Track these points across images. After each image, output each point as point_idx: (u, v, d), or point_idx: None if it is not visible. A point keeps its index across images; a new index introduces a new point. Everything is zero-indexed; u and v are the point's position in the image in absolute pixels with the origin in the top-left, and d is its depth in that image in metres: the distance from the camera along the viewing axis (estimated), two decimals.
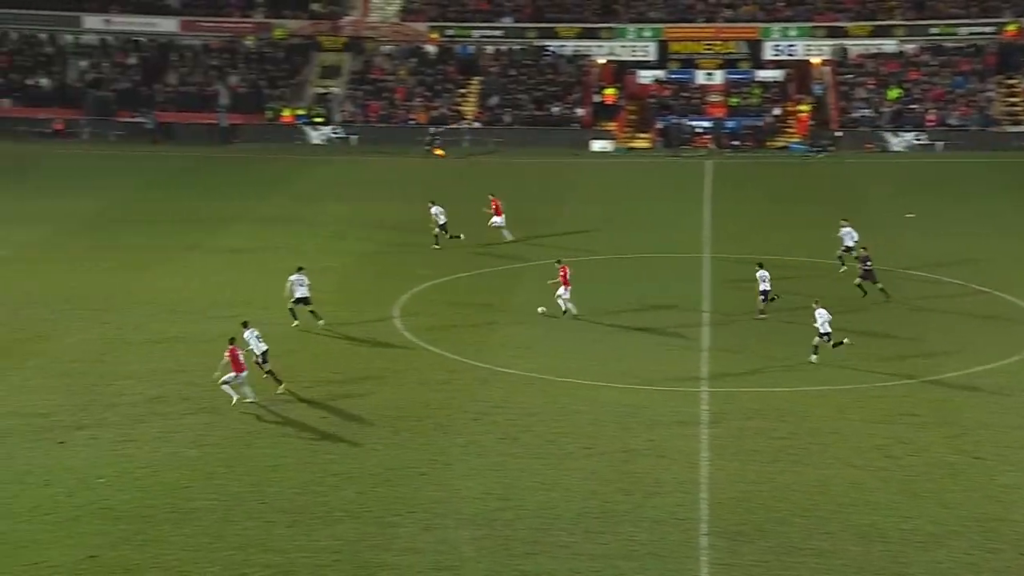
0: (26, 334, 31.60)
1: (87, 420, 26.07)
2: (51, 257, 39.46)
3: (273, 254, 40.29)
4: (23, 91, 65.41)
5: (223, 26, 69.86)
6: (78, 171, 54.98)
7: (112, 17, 69.64)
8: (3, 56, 67.12)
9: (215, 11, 70.67)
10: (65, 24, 69.25)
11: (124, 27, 69.49)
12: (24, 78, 65.91)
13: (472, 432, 25.96)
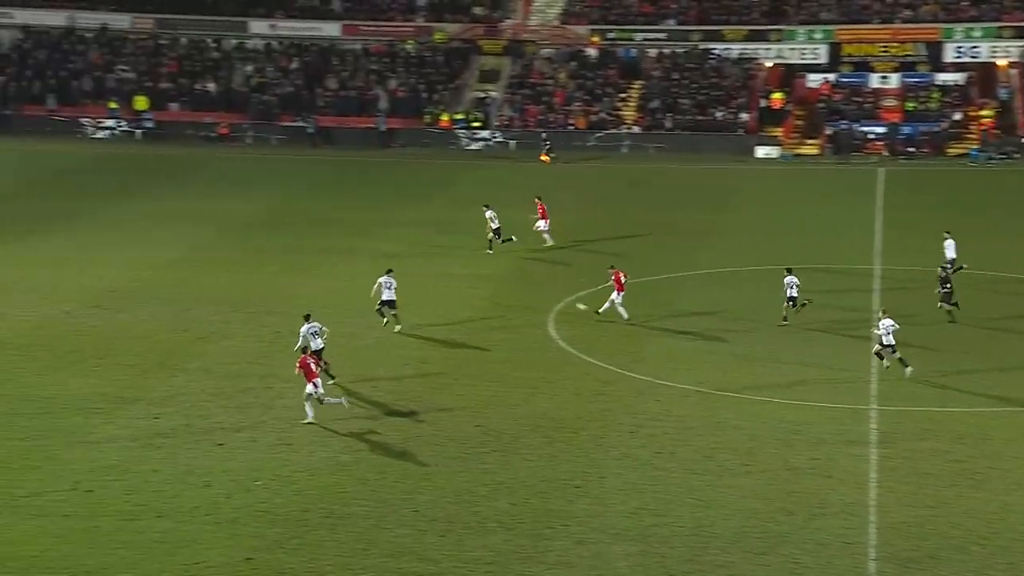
0: (190, 335, 32.73)
1: (246, 423, 26.83)
2: (214, 259, 40.79)
3: (429, 259, 40.84)
4: (191, 95, 67.85)
5: (384, 30, 71.21)
6: (241, 174, 56.77)
7: (277, 22, 71.74)
8: (172, 61, 69.78)
9: (376, 15, 72.14)
10: (232, 29, 71.66)
11: (288, 32, 71.50)
12: (192, 83, 68.37)
13: (627, 445, 25.80)
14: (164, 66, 69.32)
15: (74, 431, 26.01)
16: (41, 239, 42.37)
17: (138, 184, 53.35)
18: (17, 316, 33.67)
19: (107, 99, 66.71)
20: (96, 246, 41.87)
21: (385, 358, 31.18)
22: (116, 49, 70.67)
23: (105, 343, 31.75)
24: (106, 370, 29.77)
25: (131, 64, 69.38)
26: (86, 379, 29.10)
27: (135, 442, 25.57)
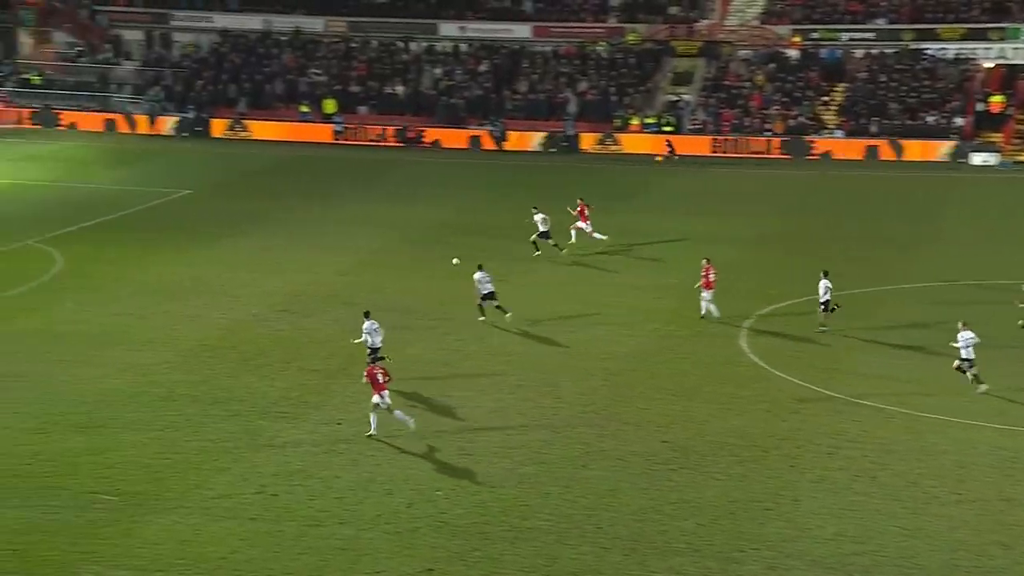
0: None
1: (427, 431, 27.21)
2: (398, 264, 41.57)
3: (616, 266, 40.71)
4: (379, 99, 69.46)
5: (575, 31, 71.46)
6: (427, 178, 57.78)
7: (467, 24, 72.81)
8: (362, 64, 71.57)
9: (568, 16, 72.42)
10: (422, 32, 73.08)
11: (478, 34, 72.47)
12: (381, 86, 69.98)
13: (824, 467, 25.12)
14: (354, 69, 71.15)
15: (260, 434, 26.86)
16: (231, 241, 43.98)
17: (325, 187, 54.87)
18: (209, 318, 35.01)
19: (298, 102, 68.89)
20: (284, 249, 43.20)
21: (569, 368, 31.20)
22: (309, 52, 72.92)
23: (291, 347, 32.70)
24: (292, 374, 30.65)
25: (323, 67, 71.47)
26: (272, 383, 30.02)
27: (318, 447, 26.24)
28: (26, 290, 37.35)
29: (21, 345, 32.14)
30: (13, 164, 58.63)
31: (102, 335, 33.21)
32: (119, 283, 38.39)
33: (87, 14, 76.57)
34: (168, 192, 52.83)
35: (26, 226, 45.25)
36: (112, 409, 27.95)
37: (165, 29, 75.74)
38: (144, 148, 64.59)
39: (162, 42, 75.52)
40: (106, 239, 44.17)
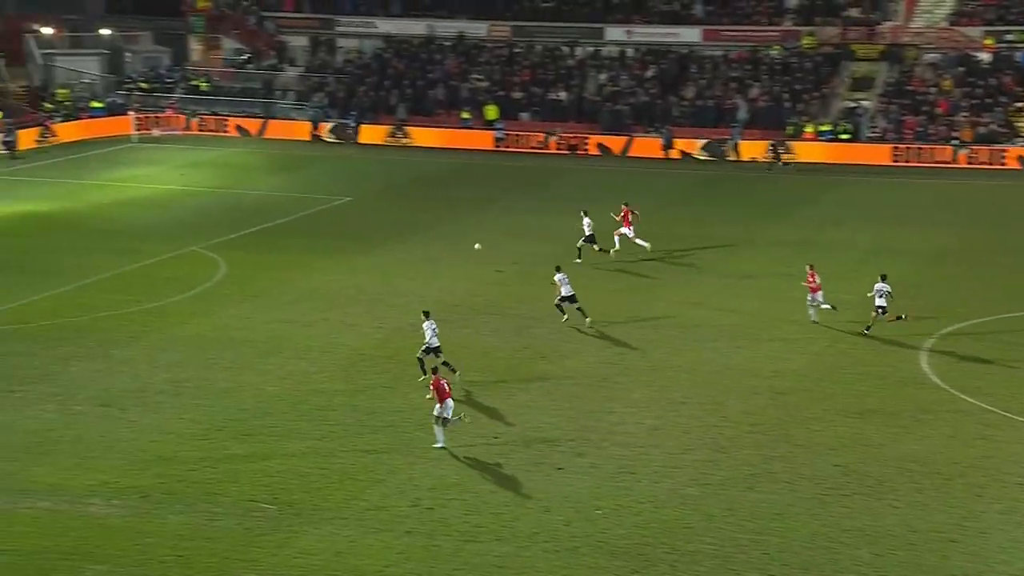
0: (530, 354, 33.50)
1: (586, 447, 27.12)
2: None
3: (788, 280, 40.00)
4: (542, 105, 69.77)
5: (747, 35, 70.61)
6: (590, 186, 57.77)
7: (634, 28, 72.62)
8: (526, 70, 72.01)
9: (740, 19, 71.55)
10: (588, 36, 73.17)
11: (645, 38, 72.22)
12: (544, 92, 70.28)
13: (1014, 498, 24.19)
14: (517, 75, 71.62)
15: (417, 446, 27.15)
16: (391, 249, 44.67)
17: (485, 195, 55.35)
18: (368, 327, 35.60)
19: (459, 109, 69.69)
20: (442, 258, 43.69)
21: (735, 385, 30.75)
22: (471, 57, 73.73)
23: (448, 358, 33.01)
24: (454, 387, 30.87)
25: (485, 73, 72.15)
26: (429, 394, 30.30)
27: (475, 461, 26.39)
28: (192, 295, 38.59)
29: (188, 350, 33.20)
30: (180, 170, 60.75)
31: (264, 342, 34.07)
32: (281, 290, 39.35)
33: (255, 20, 78.94)
34: (329, 199, 54.01)
35: (192, 232, 46.80)
36: (272, 417, 28.64)
37: (330, 35, 77.59)
38: (306, 154, 66.18)
39: (326, 48, 77.35)
40: (268, 245, 45.36)
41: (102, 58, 79.70)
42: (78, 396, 29.64)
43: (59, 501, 24.16)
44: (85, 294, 38.38)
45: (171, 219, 49.46)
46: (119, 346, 33.46)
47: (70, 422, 28.05)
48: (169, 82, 76.56)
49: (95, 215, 50.27)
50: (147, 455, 26.34)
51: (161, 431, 27.65)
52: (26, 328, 34.85)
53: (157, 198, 53.03)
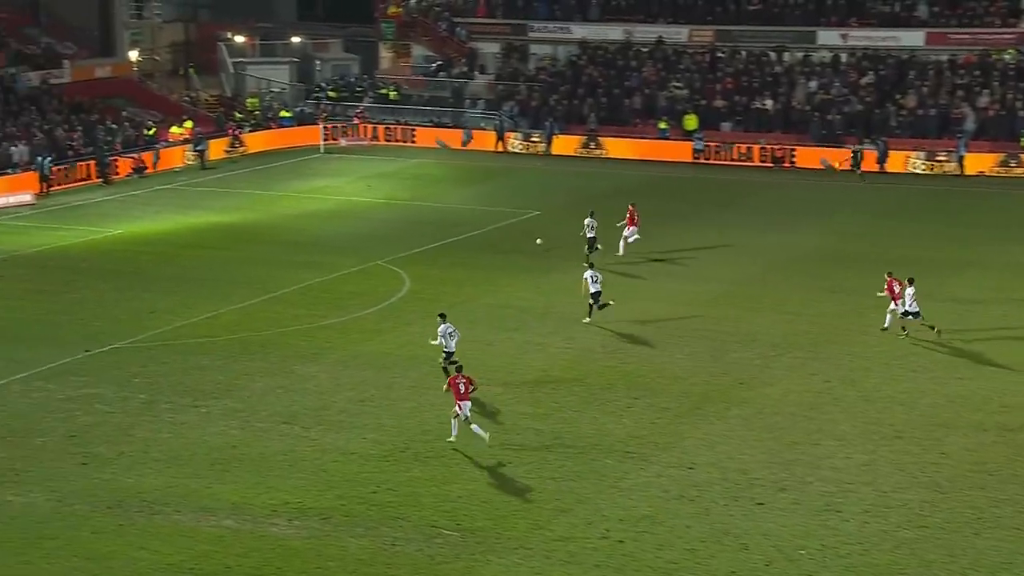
0: (729, 379, 33.05)
1: (789, 482, 26.57)
2: (759, 296, 40.96)
3: (1018, 307, 38.57)
4: (745, 114, 68.92)
5: (977, 38, 68.31)
6: (794, 202, 56.79)
7: (849, 31, 71.08)
8: (729, 77, 71.23)
9: (970, 21, 69.27)
10: (798, 41, 71.95)
11: (861, 42, 70.57)
12: (749, 100, 69.41)
13: None
14: (719, 82, 70.92)
15: (606, 475, 27.05)
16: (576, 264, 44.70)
17: (683, 210, 54.96)
18: (556, 347, 35.69)
19: (656, 118, 69.41)
20: (637, 275, 43.54)
21: (958, 418, 29.77)
22: (670, 64, 73.35)
23: (640, 382, 32.83)
24: (640, 411, 30.74)
25: (685, 80, 71.67)
26: (620, 419, 30.21)
27: (667, 492, 26.13)
28: (376, 311, 39.38)
29: (371, 368, 33.87)
30: (367, 182, 62.17)
31: None
32: (466, 307, 39.78)
33: (446, 27, 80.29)
34: (517, 212, 54.45)
35: (377, 245, 47.80)
36: (458, 439, 28.91)
37: (522, 41, 78.31)
38: (494, 165, 66.90)
39: (519, 55, 78.11)
40: (453, 260, 45.97)
41: (292, 66, 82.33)
42: (261, 413, 30.53)
43: (242, 520, 24.89)
44: (270, 308, 39.56)
45: (356, 232, 50.62)
46: (303, 362, 34.35)
47: (253, 439, 28.91)
48: (358, 91, 78.50)
49: (281, 227, 51.83)
50: (329, 475, 26.93)
51: (343, 451, 28.25)
52: (212, 342, 36.10)
53: (342, 210, 54.37)
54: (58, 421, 29.73)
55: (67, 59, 71.09)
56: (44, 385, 32.14)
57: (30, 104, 64.87)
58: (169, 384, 32.44)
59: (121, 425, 29.59)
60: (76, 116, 65.58)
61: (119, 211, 54.75)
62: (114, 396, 31.47)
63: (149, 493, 25.84)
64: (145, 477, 26.66)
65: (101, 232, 50.44)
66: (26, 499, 25.48)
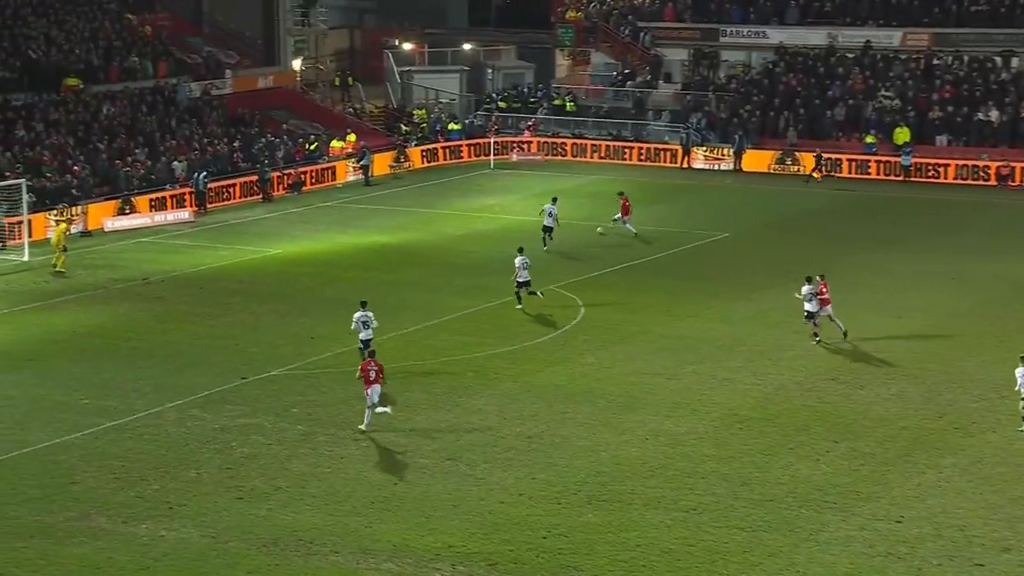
0: (943, 423, 32.25)
1: (1013, 541, 25.77)
2: (977, 330, 39.95)
3: None
4: (966, 127, 67.21)
5: None
6: (1022, 226, 55.27)
7: None
8: (947, 85, 69.58)
9: None
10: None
11: None
12: (971, 112, 67.67)
13: None
14: (936, 91, 69.36)
15: (801, 526, 26.63)
16: (773, 294, 44.17)
17: (890, 233, 53.94)
18: (745, 383, 35.35)
19: (862, 132, 68.28)
20: (842, 305, 42.86)
21: None
22: (879, 72, 72.09)
23: (841, 423, 32.27)
24: (840, 456, 30.20)
25: (896, 90, 70.31)
26: (816, 465, 29.73)
27: (872, 548, 25.58)
28: (547, 340, 39.54)
29: (541, 401, 34.01)
30: (538, 200, 62.45)
31: (625, 396, 34.43)
32: (645, 337, 39.68)
33: (629, 32, 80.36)
34: (704, 234, 54.13)
35: (549, 269, 48.03)
36: (632, 482, 28.85)
37: (713, 47, 77.96)
38: (679, 183, 66.69)
39: (708, 62, 77.75)
40: (632, 285, 45.91)
41: (462, 75, 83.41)
42: (424, 448, 30.91)
43: (403, 563, 25.17)
44: (434, 335, 40.07)
45: (527, 255, 50.92)
46: (469, 394, 34.68)
47: (415, 476, 29.27)
48: (532, 102, 79.11)
49: (446, 248, 52.50)
50: (495, 518, 27.10)
51: (510, 491, 28.40)
52: None
53: (512, 230, 54.76)
54: (213, 452, 30.56)
55: (229, 68, 73.31)
56: (199, 413, 33.09)
57: (190, 116, 67.01)
58: (328, 415, 33.08)
59: (278, 457, 30.28)
60: (236, 129, 67.56)
61: (278, 229, 56.19)
62: (271, 427, 32.23)
63: (306, 531, 26.36)
64: (302, 514, 27.21)
65: (259, 252, 51.83)
66: (179, 534, 26.23)
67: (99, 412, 33.02)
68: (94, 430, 31.79)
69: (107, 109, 63.80)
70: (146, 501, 27.70)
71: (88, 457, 30.10)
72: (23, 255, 49.86)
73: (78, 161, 58.61)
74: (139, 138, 62.57)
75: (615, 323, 41.14)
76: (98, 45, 68.22)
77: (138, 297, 44.65)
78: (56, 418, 32.61)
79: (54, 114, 61.44)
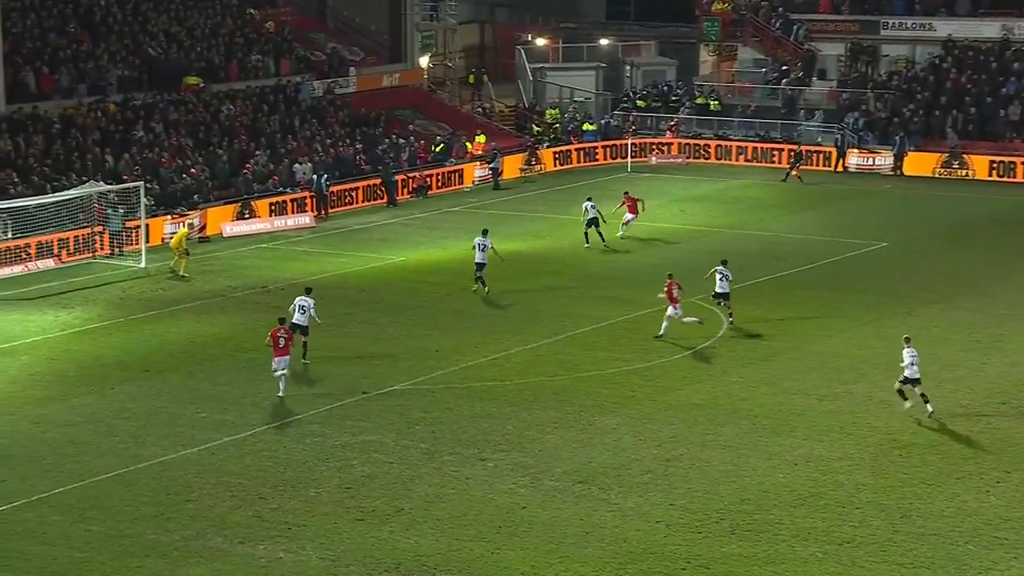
0: None
1: None
2: None
3: None
4: None
5: None
6: None
7: None
8: None
9: None
10: None
11: None
12: None
13: None
14: None
15: (968, 563, 26.05)
16: (942, 310, 43.55)
17: None
18: (902, 407, 34.77)
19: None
20: (1006, 323, 42.08)
21: None
22: None
23: (1013, 452, 31.65)
24: (1012, 488, 29.57)
25: None
26: (985, 497, 29.10)
27: None
28: (687, 355, 39.31)
29: (680, 422, 33.81)
30: (678, 206, 62.29)
31: (772, 417, 34.08)
32: (794, 353, 39.25)
33: (780, 25, 79.61)
34: (860, 244, 53.45)
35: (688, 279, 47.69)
36: (779, 511, 28.52)
37: (872, 40, 76.91)
38: (833, 188, 65.92)
39: (867, 57, 76.69)
40: (780, 298, 45.47)
41: (598, 72, 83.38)
42: (555, 470, 30.87)
43: None
44: (566, 349, 40.04)
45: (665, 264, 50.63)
46: (602, 413, 34.59)
47: (544, 500, 29.24)
48: (673, 100, 78.81)
49: (578, 256, 52.47)
50: (630, 546, 26.95)
51: (647, 518, 28.24)
52: (500, 386, 36.80)
53: (649, 238, 54.59)
54: (333, 471, 30.86)
55: (353, 66, 74.15)
56: (319, 429, 33.45)
57: (312, 116, 67.89)
58: (452, 433, 33.23)
59: (400, 477, 30.47)
60: (360, 129, 68.28)
61: (401, 236, 56.67)
62: (393, 445, 32.46)
63: (429, 557, 26.47)
64: (425, 538, 27.34)
65: (381, 259, 52.32)
66: (298, 556, 26.50)
67: (216, 426, 33.55)
68: (211, 445, 32.30)
69: (227, 109, 64.89)
70: (264, 521, 28.05)
71: (205, 473, 30.59)
72: (140, 261, 50.87)
73: (196, 163, 59.66)
74: (260, 139, 63.50)
75: (761, 338, 40.75)
76: (219, 42, 69.43)
77: (257, 306, 45.30)
78: (173, 432, 33.20)
79: (174, 114, 62.63)
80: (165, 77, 64.94)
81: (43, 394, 36.18)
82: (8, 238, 50.21)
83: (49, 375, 37.85)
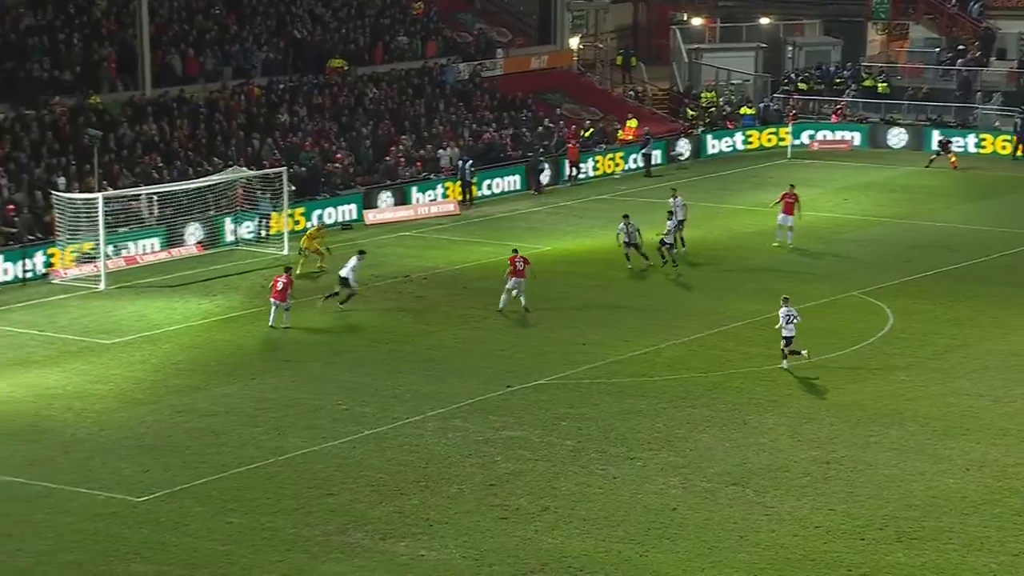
0: None
1: None
2: None
3: None
4: None
5: None
6: None
7: None
8: None
9: None
10: None
11: None
12: None
13: None
14: None
15: None
16: None
17: None
18: None
19: None
20: None
21: None
22: None
23: None
24: None
25: None
26: None
27: None
28: (849, 353, 38.90)
29: (841, 422, 33.50)
30: (841, 194, 61.53)
31: (942, 419, 33.62)
32: (966, 352, 38.69)
33: (956, 2, 78.15)
34: None
35: (853, 273, 47.31)
36: (949, 518, 28.12)
37: None
38: (1012, 175, 64.77)
39: None
40: (951, 294, 44.78)
41: (758, 53, 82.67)
42: (707, 471, 30.79)
43: None
44: (719, 344, 39.88)
45: (828, 256, 50.26)
46: (757, 412, 34.41)
47: (696, 502, 29.19)
48: (838, 82, 77.84)
49: (733, 247, 52.16)
50: (788, 552, 26.79)
51: (804, 523, 28.04)
52: (650, 382, 36.78)
53: (811, 228, 54.00)
54: (476, 467, 31.11)
55: (500, 48, 74.41)
56: (462, 424, 33.74)
57: (457, 100, 68.29)
58: (600, 430, 33.29)
59: (545, 475, 30.62)
60: (507, 114, 68.51)
61: (548, 224, 56.77)
62: (538, 441, 32.62)
63: (575, 558, 26.57)
64: (571, 538, 27.45)
65: (527, 248, 52.37)
66: (440, 555, 26.78)
67: (357, 419, 34.02)
68: (352, 438, 32.77)
69: (372, 92, 65.56)
70: (405, 517, 28.39)
71: (345, 467, 31.04)
72: (283, 249, 51.62)
73: (340, 148, 60.34)
74: (404, 124, 64.03)
75: (930, 335, 40.20)
76: (365, 24, 70.14)
77: (399, 296, 45.77)
78: (313, 424, 33.74)
79: (317, 98, 63.45)
80: (310, 60, 65.80)
81: (185, 383, 36.99)
82: (153, 222, 51.37)
83: (191, 364, 38.68)
